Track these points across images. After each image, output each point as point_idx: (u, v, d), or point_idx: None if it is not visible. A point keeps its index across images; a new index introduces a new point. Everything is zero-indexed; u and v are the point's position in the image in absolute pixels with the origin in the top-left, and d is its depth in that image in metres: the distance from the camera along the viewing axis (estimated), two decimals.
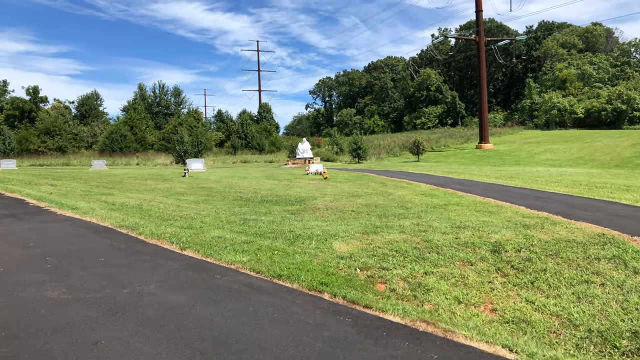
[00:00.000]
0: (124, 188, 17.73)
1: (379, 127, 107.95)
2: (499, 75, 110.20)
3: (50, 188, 16.78)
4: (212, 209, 12.37)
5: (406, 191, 16.22)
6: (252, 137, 72.08)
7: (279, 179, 22.40)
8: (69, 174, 26.16)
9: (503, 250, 8.25)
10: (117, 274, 6.37)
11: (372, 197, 14.73)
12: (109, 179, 21.88)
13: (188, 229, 9.52)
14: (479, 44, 58.33)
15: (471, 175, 24.81)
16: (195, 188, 17.83)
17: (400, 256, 7.82)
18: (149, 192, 16.28)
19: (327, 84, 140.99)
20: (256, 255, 7.46)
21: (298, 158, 44.24)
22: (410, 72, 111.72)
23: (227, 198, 14.68)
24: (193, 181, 21.36)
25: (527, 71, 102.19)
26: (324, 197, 14.64)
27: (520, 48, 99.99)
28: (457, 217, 10.81)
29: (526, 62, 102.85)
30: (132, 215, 11.15)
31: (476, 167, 35.71)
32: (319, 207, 12.68)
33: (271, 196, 15.07)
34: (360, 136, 51.73)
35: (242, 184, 19.40)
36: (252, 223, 10.23)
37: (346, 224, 10.09)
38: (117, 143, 67.29)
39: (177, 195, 15.50)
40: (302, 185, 19.01)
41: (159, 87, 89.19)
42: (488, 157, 50.67)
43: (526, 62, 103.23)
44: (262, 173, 27.70)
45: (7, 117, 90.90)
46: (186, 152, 51.81)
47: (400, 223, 10.16)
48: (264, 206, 12.93)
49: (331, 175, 23.66)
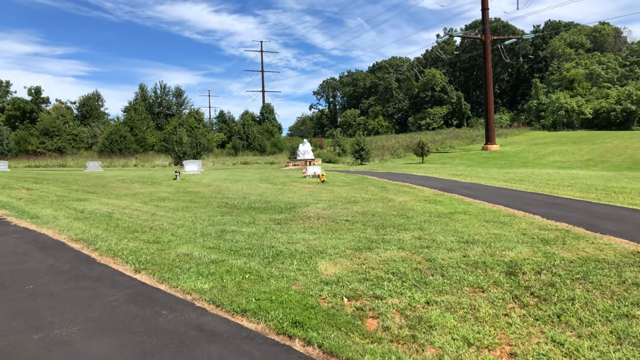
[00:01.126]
0: (104, 192, 16.48)
1: (383, 128, 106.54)
2: (505, 76, 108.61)
3: (23, 192, 15.56)
4: (190, 217, 11.08)
5: (408, 197, 14.89)
6: (254, 138, 70.82)
7: (273, 182, 21.10)
8: (56, 176, 24.97)
9: (520, 272, 6.92)
10: (39, 309, 5.09)
11: (371, 203, 13.41)
12: (94, 182, 20.66)
13: (153, 244, 8.24)
14: (485, 42, 56.86)
15: (478, 178, 23.45)
16: (180, 193, 16.55)
17: (397, 280, 6.51)
18: (128, 198, 15.02)
19: (331, 85, 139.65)
20: (222, 281, 6.16)
21: (299, 159, 42.93)
22: (415, 72, 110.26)
23: (211, 204, 13.39)
24: (182, 185, 20.10)
25: (534, 71, 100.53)
26: (317, 204, 13.33)
27: (526, 48, 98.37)
28: (464, 229, 9.48)
29: (533, 62, 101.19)
30: (96, 225, 9.88)
31: (483, 169, 34.33)
32: (309, 215, 11.37)
33: (260, 202, 13.77)
34: (363, 137, 50.29)
35: (232, 188, 18.11)
36: (229, 236, 8.93)
37: (337, 237, 8.77)
38: (117, 144, 66.18)
39: (157, 201, 14.23)
40: (297, 189, 17.70)
41: (160, 88, 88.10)
42: (494, 158, 49.22)
43: (533, 62, 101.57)
44: (258, 175, 26.41)
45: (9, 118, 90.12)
46: (185, 153, 50.58)
47: (400, 236, 8.84)
48: (249, 214, 11.63)
49: (330, 178, 22.35)
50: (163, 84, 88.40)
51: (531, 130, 76.74)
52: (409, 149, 59.95)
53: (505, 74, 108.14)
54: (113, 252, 7.60)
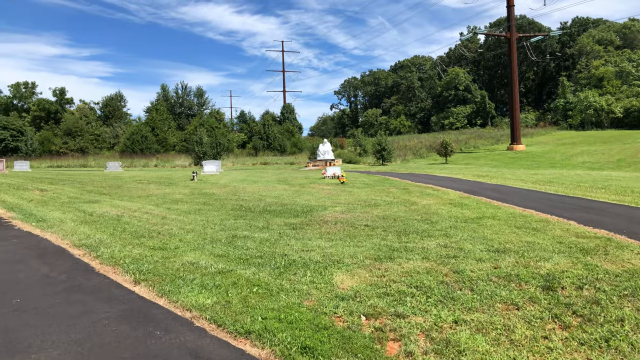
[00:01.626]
0: (117, 194, 16.12)
1: (405, 128, 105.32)
2: (530, 74, 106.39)
3: (36, 194, 15.28)
4: (201, 221, 10.56)
5: (432, 200, 14.16)
6: (274, 138, 70.47)
7: (291, 183, 20.54)
8: (74, 176, 24.84)
9: (559, 287, 6.20)
10: (20, 328, 4.58)
11: (392, 207, 12.72)
12: (110, 183, 20.37)
13: (159, 251, 7.72)
14: (510, 40, 55.50)
15: (504, 179, 22.54)
16: (195, 194, 16.09)
17: (422, 295, 5.85)
18: (141, 199, 14.60)
19: (353, 84, 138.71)
20: (226, 295, 5.58)
21: (319, 160, 42.35)
22: (438, 71, 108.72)
23: (225, 207, 12.87)
24: (198, 186, 19.67)
25: (561, 69, 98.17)
26: (335, 207, 12.70)
27: (553, 45, 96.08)
28: (494, 236, 8.75)
29: (559, 60, 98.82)
30: (102, 230, 9.42)
31: (509, 170, 33.27)
32: (327, 219, 10.75)
33: (276, 205, 13.20)
34: (384, 137, 49.44)
35: (249, 190, 17.60)
36: (240, 242, 8.37)
37: (355, 245, 8.14)
38: (138, 144, 66.51)
39: (170, 203, 13.77)
40: (315, 191, 17.10)
41: (181, 88, 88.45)
42: (520, 159, 47.95)
43: (559, 60, 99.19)
44: (276, 176, 25.88)
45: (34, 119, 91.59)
46: (205, 154, 50.47)
47: (424, 244, 8.16)
48: (263, 218, 11.06)
49: (350, 180, 21.70)
50: (184, 84, 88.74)
51: (558, 129, 74.85)
52: (431, 149, 58.88)
53: (531, 72, 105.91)
54: (115, 260, 7.10)
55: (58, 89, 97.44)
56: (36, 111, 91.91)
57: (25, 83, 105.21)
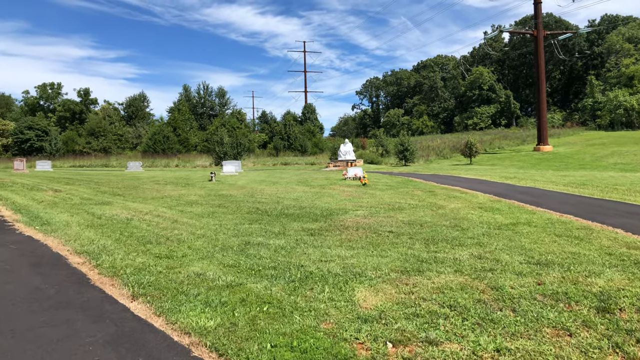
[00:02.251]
0: (132, 195, 15.62)
1: (427, 128, 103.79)
2: (557, 74, 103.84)
3: (49, 194, 14.86)
4: (213, 226, 9.91)
5: (460, 203, 13.29)
6: (295, 139, 69.88)
7: (311, 184, 19.83)
8: (92, 176, 24.55)
9: (616, 309, 5.36)
10: None
11: (418, 211, 11.91)
12: (127, 183, 19.95)
13: (164, 259, 7.08)
14: (537, 38, 53.93)
15: (534, 181, 21.49)
16: (211, 196, 15.49)
17: (456, 317, 5.07)
18: (155, 201, 14.05)
19: (375, 84, 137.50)
20: (233, 315, 4.88)
21: (340, 160, 41.58)
22: (462, 70, 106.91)
23: (241, 210, 12.21)
24: (216, 187, 19.10)
25: (588, 68, 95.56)
26: (357, 210, 11.94)
27: (581, 44, 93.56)
28: (533, 246, 7.90)
29: (587, 58, 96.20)
30: (108, 234, 8.84)
31: (537, 172, 32.06)
32: (347, 224, 10.01)
33: (294, 208, 12.50)
34: (407, 137, 48.44)
35: (267, 191, 16.94)
36: (253, 250, 7.68)
37: (379, 255, 7.38)
38: (160, 144, 66.59)
39: (184, 205, 13.17)
40: (336, 193, 16.35)
41: (203, 88, 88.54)
42: (548, 160, 46.47)
43: (587, 59, 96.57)
44: (296, 177, 25.21)
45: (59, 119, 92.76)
46: (226, 154, 50.12)
47: (455, 254, 7.36)
48: (280, 222, 10.36)
49: (372, 181, 20.90)
50: (206, 85, 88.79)
51: (586, 130, 72.70)
52: (455, 149, 57.61)
53: (557, 71, 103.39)
54: (115, 270, 6.47)
55: (82, 90, 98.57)
56: (61, 111, 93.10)
57: (51, 84, 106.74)
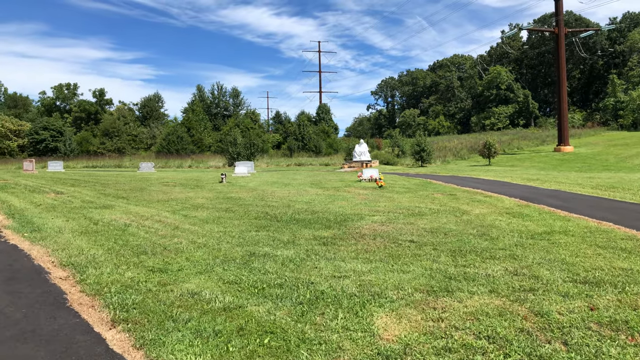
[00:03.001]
0: (136, 197, 14.90)
1: (444, 128, 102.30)
2: (576, 73, 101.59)
3: (49, 197, 14.21)
4: (217, 233, 9.09)
5: (485, 208, 12.33)
6: (309, 139, 69.03)
7: (325, 186, 18.97)
8: (101, 177, 23.98)
9: None
10: None
11: (440, 216, 10.98)
12: (134, 185, 19.28)
13: (157, 274, 6.27)
14: (559, 35, 52.45)
15: (558, 183, 20.40)
16: (220, 199, 14.71)
17: (497, 351, 4.17)
18: (159, 204, 13.30)
19: (390, 84, 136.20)
20: (227, 350, 4.04)
21: (354, 161, 40.66)
22: (479, 69, 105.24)
23: (249, 215, 11.40)
24: (225, 189, 18.35)
25: (610, 67, 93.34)
26: (374, 216, 11.04)
27: (602, 42, 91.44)
28: (575, 260, 6.94)
29: (608, 57, 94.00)
30: (101, 243, 8.07)
31: (560, 174, 30.84)
32: (363, 232, 9.13)
33: (306, 212, 11.64)
34: (424, 137, 47.34)
35: (278, 194, 16.12)
36: (258, 263, 6.85)
37: (400, 269, 6.50)
38: (174, 145, 66.20)
39: (189, 209, 12.40)
40: (350, 196, 15.46)
41: (217, 89, 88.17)
42: (569, 161, 45.06)
43: (608, 58, 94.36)
44: (309, 178, 24.37)
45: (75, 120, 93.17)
46: (239, 154, 49.50)
47: (487, 269, 6.44)
48: (290, 229, 9.51)
49: (388, 183, 19.97)
50: (220, 85, 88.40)
51: (607, 130, 70.84)
52: (473, 150, 56.34)
53: (577, 71, 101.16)
54: (99, 287, 5.68)
55: (98, 90, 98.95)
56: (77, 112, 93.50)
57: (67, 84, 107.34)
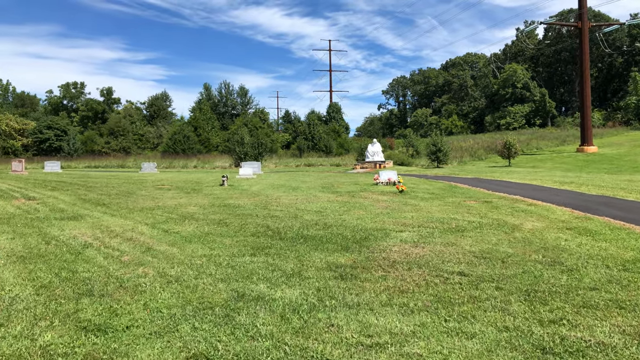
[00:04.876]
0: (118, 204, 12.78)
1: (457, 128, 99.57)
2: (594, 71, 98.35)
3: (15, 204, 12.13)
4: (200, 258, 6.91)
5: (536, 220, 10.04)
6: (320, 139, 66.83)
7: (338, 191, 16.73)
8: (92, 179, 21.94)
9: None
10: None
11: (485, 233, 8.72)
12: (123, 189, 17.21)
13: (92, 336, 4.10)
14: (582, 30, 49.82)
15: (598, 187, 18.05)
16: (214, 207, 12.53)
17: None
18: (142, 214, 11.16)
19: (401, 83, 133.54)
20: None
21: (367, 162, 38.42)
22: (493, 68, 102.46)
23: (246, 230, 9.20)
24: (224, 193, 16.19)
25: (630, 65, 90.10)
26: (402, 232, 8.79)
27: (622, 39, 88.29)
28: None
29: (628, 54, 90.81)
30: (38, 275, 5.93)
31: (590, 175, 28.35)
32: (393, 257, 6.90)
33: (316, 227, 9.42)
34: (440, 137, 44.89)
35: (284, 200, 13.90)
36: (246, 315, 4.66)
37: (460, 329, 4.27)
38: (180, 144, 64.29)
39: (174, 221, 10.22)
40: (368, 203, 13.21)
41: (224, 87, 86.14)
42: (595, 162, 42.46)
43: (628, 55, 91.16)
44: (320, 181, 22.14)
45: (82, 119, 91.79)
46: (246, 154, 47.43)
47: (593, 331, 4.19)
48: (296, 252, 7.31)
49: (409, 187, 17.69)
50: (227, 83, 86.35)
51: (630, 130, 67.85)
52: (490, 150, 53.83)
53: (594, 69, 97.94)
54: None
55: (105, 89, 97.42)
56: (84, 111, 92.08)
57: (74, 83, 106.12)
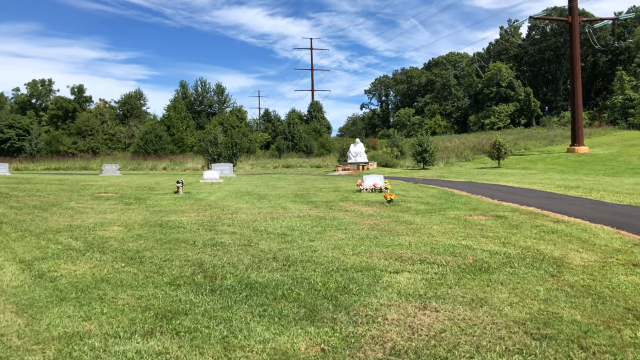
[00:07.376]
0: (15, 225, 9.67)
1: (440, 128, 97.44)
2: None
3: None
4: (54, 340, 3.98)
5: (582, 250, 7.24)
6: (300, 138, 63.85)
7: (313, 200, 13.81)
8: (30, 186, 18.71)
9: None
10: None
11: (521, 275, 5.89)
12: (48, 199, 14.07)
13: None
14: (572, 25, 47.75)
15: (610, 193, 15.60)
16: (147, 226, 9.53)
17: None
18: (32, 241, 8.10)
19: (384, 83, 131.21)
20: None
21: (350, 163, 35.63)
22: (476, 67, 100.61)
23: (165, 271, 6.22)
24: (172, 205, 13.18)
25: (614, 64, 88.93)
26: (398, 274, 5.92)
27: (606, 37, 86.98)
28: None
29: (612, 53, 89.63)
30: None
31: (589, 178, 25.91)
32: (389, 335, 4.04)
33: (273, 263, 6.51)
34: (426, 137, 42.32)
35: (241, 216, 10.93)
36: None
37: None
38: (152, 144, 60.73)
39: (73, 253, 7.21)
40: (349, 219, 10.31)
41: (201, 85, 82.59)
42: (588, 162, 40.32)
43: (612, 54, 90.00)
44: (295, 186, 19.21)
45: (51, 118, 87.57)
46: (220, 155, 44.27)
47: None
48: (227, 323, 4.38)
49: (398, 193, 14.84)
50: (203, 81, 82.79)
51: (618, 129, 66.30)
52: (477, 150, 51.52)
53: None
54: None
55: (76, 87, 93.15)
56: (54, 109, 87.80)
57: (42, 81, 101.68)
